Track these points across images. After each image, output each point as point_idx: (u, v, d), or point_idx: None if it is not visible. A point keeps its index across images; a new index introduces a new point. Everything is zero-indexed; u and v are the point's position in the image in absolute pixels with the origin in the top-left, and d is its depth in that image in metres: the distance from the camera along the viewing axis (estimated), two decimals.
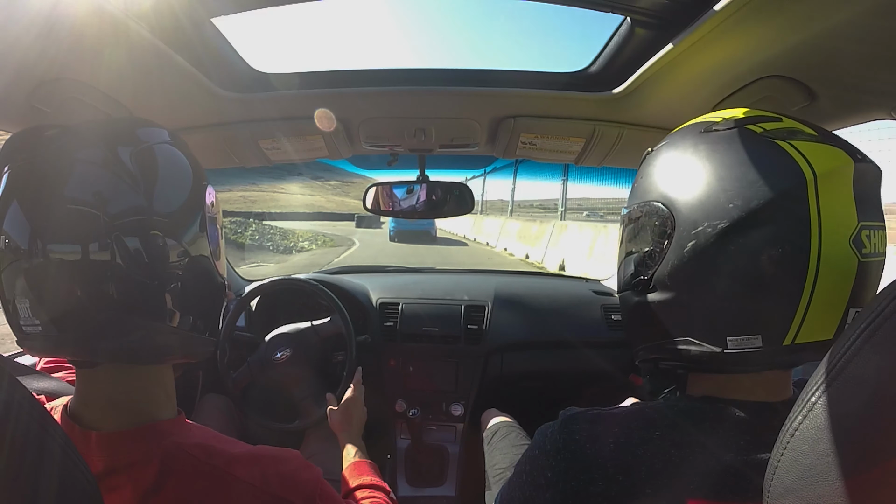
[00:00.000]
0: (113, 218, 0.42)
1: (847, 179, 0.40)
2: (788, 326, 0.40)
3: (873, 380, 0.27)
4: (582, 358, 1.40)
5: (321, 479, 0.52)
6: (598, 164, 1.10)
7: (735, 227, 0.41)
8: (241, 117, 0.94)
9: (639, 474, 0.40)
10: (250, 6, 0.68)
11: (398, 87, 0.87)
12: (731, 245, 0.41)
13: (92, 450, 0.45)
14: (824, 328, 0.40)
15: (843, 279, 0.40)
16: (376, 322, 1.37)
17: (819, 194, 0.39)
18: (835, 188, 0.40)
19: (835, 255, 0.39)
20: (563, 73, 0.87)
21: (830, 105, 0.68)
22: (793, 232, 0.39)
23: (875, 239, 0.41)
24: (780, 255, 0.39)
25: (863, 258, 0.40)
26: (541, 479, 0.45)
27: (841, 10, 0.50)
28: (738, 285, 0.41)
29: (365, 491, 0.74)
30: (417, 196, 1.19)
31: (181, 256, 0.47)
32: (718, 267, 0.42)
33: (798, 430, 0.30)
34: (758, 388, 0.44)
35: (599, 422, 0.45)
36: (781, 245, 0.39)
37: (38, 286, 0.41)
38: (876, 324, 0.27)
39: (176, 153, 0.51)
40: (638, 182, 0.52)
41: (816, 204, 0.39)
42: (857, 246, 0.40)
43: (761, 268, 0.40)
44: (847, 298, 0.40)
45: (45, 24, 0.55)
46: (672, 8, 0.63)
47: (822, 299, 0.40)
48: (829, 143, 0.42)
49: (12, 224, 0.41)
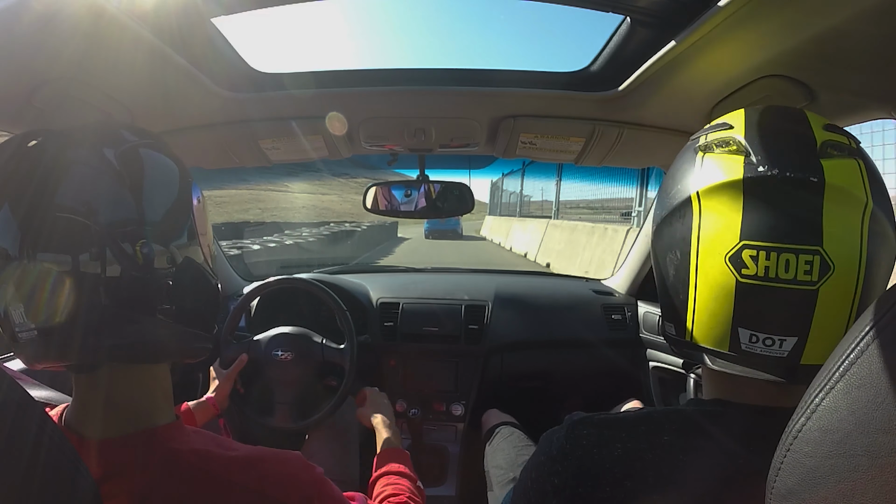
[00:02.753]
0: (103, 222, 0.42)
1: (734, 194, 0.39)
2: (685, 324, 0.44)
3: (877, 381, 0.26)
4: (582, 358, 1.41)
5: (322, 479, 0.51)
6: (597, 164, 1.10)
7: (657, 230, 0.48)
8: (241, 117, 0.94)
9: (647, 480, 0.40)
10: (250, 6, 0.68)
11: (398, 87, 0.86)
12: (656, 245, 0.49)
13: (90, 457, 0.44)
14: (715, 338, 0.42)
15: (722, 295, 0.40)
16: (376, 322, 1.37)
17: (702, 208, 0.41)
18: (718, 202, 0.40)
19: (711, 269, 0.41)
20: (563, 72, 0.87)
21: (830, 104, 0.68)
22: (680, 241, 0.43)
23: (772, 262, 0.37)
24: (674, 259, 0.44)
25: (742, 279, 0.38)
26: (547, 485, 0.44)
27: (841, 10, 0.50)
28: (659, 278, 0.49)
29: (390, 478, 0.75)
30: (417, 196, 1.19)
31: (172, 257, 0.48)
32: (655, 260, 0.50)
33: (801, 431, 0.30)
34: (767, 392, 0.43)
35: (607, 426, 0.44)
36: (674, 250, 0.44)
37: (32, 291, 0.41)
38: (881, 325, 0.27)
39: (160, 156, 0.50)
40: None
41: (699, 217, 0.42)
42: (736, 265, 0.38)
43: (666, 267, 0.46)
44: (730, 316, 0.39)
45: (45, 23, 0.55)
46: (672, 8, 0.63)
47: (705, 308, 0.41)
48: (741, 153, 0.41)
49: (2, 231, 0.41)
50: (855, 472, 0.26)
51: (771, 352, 0.39)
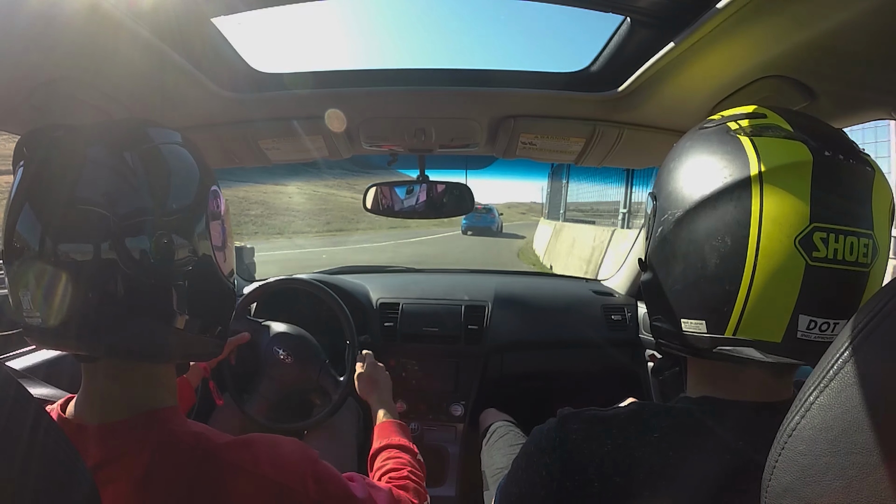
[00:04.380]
0: (119, 218, 0.43)
1: (803, 176, 0.39)
2: (728, 317, 0.41)
3: (872, 379, 0.26)
4: (582, 358, 1.41)
5: (316, 459, 0.52)
6: (598, 164, 1.10)
7: (687, 216, 0.44)
8: (241, 117, 0.94)
9: (637, 476, 0.40)
10: (250, 6, 0.68)
11: (398, 87, 0.86)
12: (683, 232, 0.44)
13: (88, 442, 0.45)
14: (768, 329, 0.40)
15: (786, 280, 0.39)
16: (376, 322, 1.37)
17: (764, 190, 0.39)
18: (783, 184, 0.39)
19: (775, 253, 0.39)
20: (564, 73, 0.87)
21: (831, 105, 0.68)
22: (734, 225, 0.40)
23: (840, 244, 0.38)
24: (721, 246, 0.41)
25: (812, 262, 0.38)
26: (536, 476, 0.45)
27: (841, 10, 0.50)
28: (689, 270, 0.44)
29: (391, 451, 0.74)
30: (417, 196, 1.19)
31: (186, 258, 0.47)
32: (676, 252, 0.45)
33: (796, 429, 0.30)
34: (755, 389, 0.44)
35: (596, 422, 0.45)
36: (722, 236, 0.41)
37: (42, 281, 0.42)
38: (875, 322, 0.27)
39: (184, 153, 0.51)
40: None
41: (760, 199, 0.39)
42: (806, 247, 0.38)
43: (705, 256, 0.42)
44: (794, 302, 0.39)
45: (45, 24, 0.55)
46: (672, 8, 0.63)
47: (762, 296, 0.39)
48: (798, 138, 0.40)
49: (23, 222, 0.43)
50: (850, 469, 0.26)
51: (824, 337, 0.39)
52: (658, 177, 0.51)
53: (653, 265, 0.50)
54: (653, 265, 0.50)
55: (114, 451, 0.45)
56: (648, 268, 0.51)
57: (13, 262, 0.43)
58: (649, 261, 0.51)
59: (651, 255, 0.50)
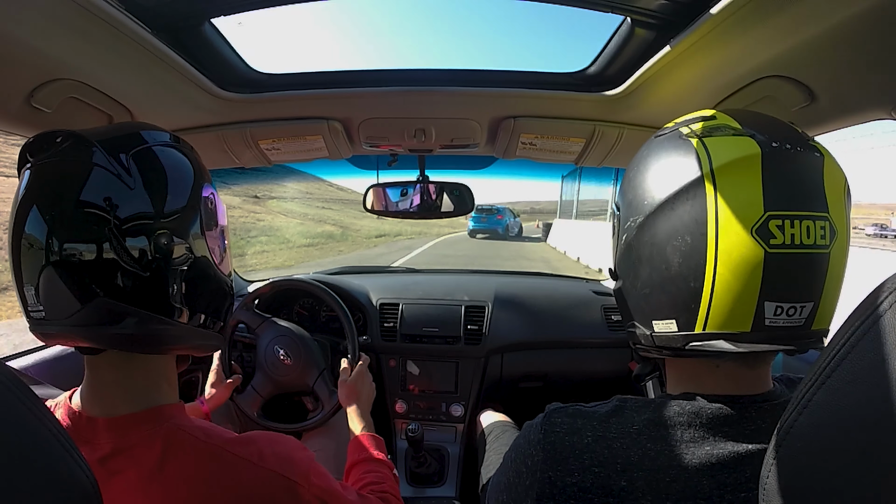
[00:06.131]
0: (118, 220, 0.45)
1: (752, 168, 0.40)
2: (697, 313, 0.42)
3: (869, 377, 0.26)
4: (582, 358, 1.40)
5: (314, 460, 0.55)
6: (597, 165, 1.10)
7: (648, 221, 0.45)
8: (241, 117, 0.94)
9: (614, 467, 0.42)
10: (250, 6, 0.68)
11: (398, 87, 0.86)
12: (646, 237, 0.46)
13: (99, 434, 0.48)
14: (736, 320, 0.41)
15: (748, 270, 0.40)
16: (376, 322, 1.37)
17: (717, 186, 0.41)
18: (735, 179, 0.41)
19: (734, 245, 0.40)
20: (563, 73, 0.87)
21: (830, 105, 0.68)
22: (692, 224, 0.42)
23: (796, 229, 0.39)
24: (682, 245, 0.43)
25: (771, 249, 0.39)
26: (522, 467, 0.47)
27: (840, 11, 0.50)
28: (654, 273, 0.45)
29: (368, 465, 0.76)
30: (417, 196, 1.19)
31: (183, 255, 0.49)
32: (640, 256, 0.47)
33: (793, 427, 0.30)
34: (730, 382, 0.45)
35: (580, 416, 0.47)
36: (682, 236, 0.43)
37: (47, 278, 0.45)
38: (871, 320, 0.27)
39: (176, 154, 0.52)
40: None
41: (714, 196, 0.41)
42: (763, 236, 0.39)
43: (668, 257, 0.44)
44: (758, 291, 0.40)
45: (45, 24, 0.55)
46: (672, 8, 0.63)
47: (727, 289, 0.41)
48: (745, 134, 0.42)
49: (31, 224, 0.45)
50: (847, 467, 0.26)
51: (792, 321, 0.40)
52: (620, 187, 0.52)
53: (621, 273, 0.51)
54: (621, 273, 0.51)
55: (123, 443, 0.47)
56: (618, 276, 0.52)
57: (20, 259, 0.46)
58: (618, 269, 0.52)
59: (618, 264, 0.52)
